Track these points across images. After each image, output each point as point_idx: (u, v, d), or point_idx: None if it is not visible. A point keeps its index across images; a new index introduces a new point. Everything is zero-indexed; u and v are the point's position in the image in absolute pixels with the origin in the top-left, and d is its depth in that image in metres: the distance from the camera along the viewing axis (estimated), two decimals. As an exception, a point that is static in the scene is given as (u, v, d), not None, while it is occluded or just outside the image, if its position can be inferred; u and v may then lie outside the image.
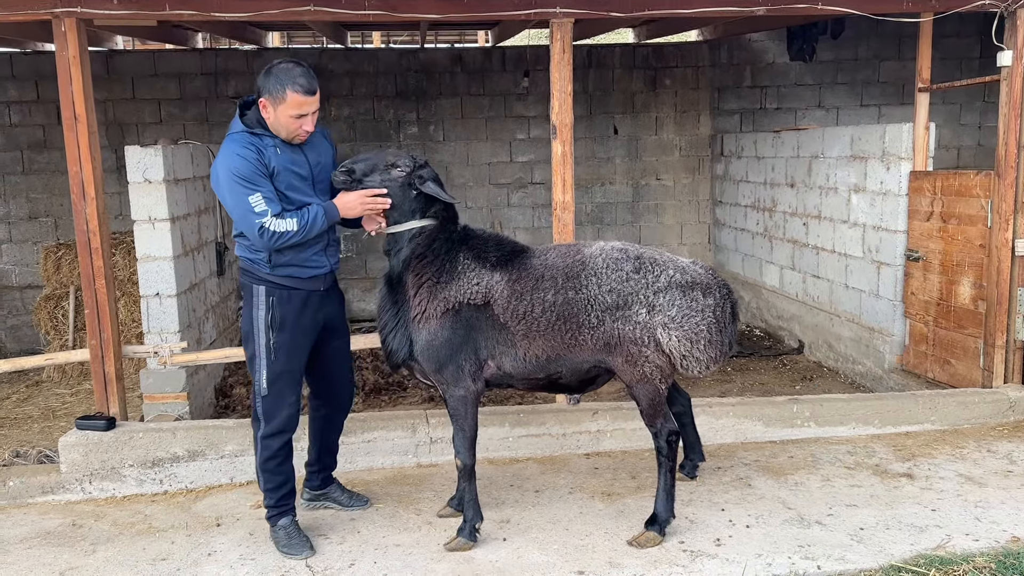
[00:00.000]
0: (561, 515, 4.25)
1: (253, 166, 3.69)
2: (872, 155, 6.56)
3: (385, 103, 9.67)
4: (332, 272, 4.07)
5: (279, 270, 3.88)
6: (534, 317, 3.80)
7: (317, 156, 3.97)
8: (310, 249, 3.90)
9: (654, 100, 9.98)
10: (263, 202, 3.67)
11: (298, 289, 3.92)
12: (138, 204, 5.79)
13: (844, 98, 10.09)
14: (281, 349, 3.90)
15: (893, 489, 4.42)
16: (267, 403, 3.93)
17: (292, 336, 3.92)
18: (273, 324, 3.88)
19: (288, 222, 3.71)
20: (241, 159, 3.69)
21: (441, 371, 3.89)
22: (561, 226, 5.10)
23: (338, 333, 4.19)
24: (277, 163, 3.77)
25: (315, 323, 4.01)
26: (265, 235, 3.68)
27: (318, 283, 3.98)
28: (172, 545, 4.14)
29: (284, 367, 3.92)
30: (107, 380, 4.98)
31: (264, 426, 3.95)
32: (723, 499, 4.35)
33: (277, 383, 3.92)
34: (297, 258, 3.88)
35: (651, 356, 3.79)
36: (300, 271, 3.91)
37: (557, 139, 4.98)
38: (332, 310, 4.11)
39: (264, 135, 3.78)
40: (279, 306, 3.89)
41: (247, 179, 3.68)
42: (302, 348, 3.98)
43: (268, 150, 3.76)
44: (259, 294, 3.88)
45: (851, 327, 6.99)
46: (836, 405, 5.19)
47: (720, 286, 3.93)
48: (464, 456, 3.95)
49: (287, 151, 3.82)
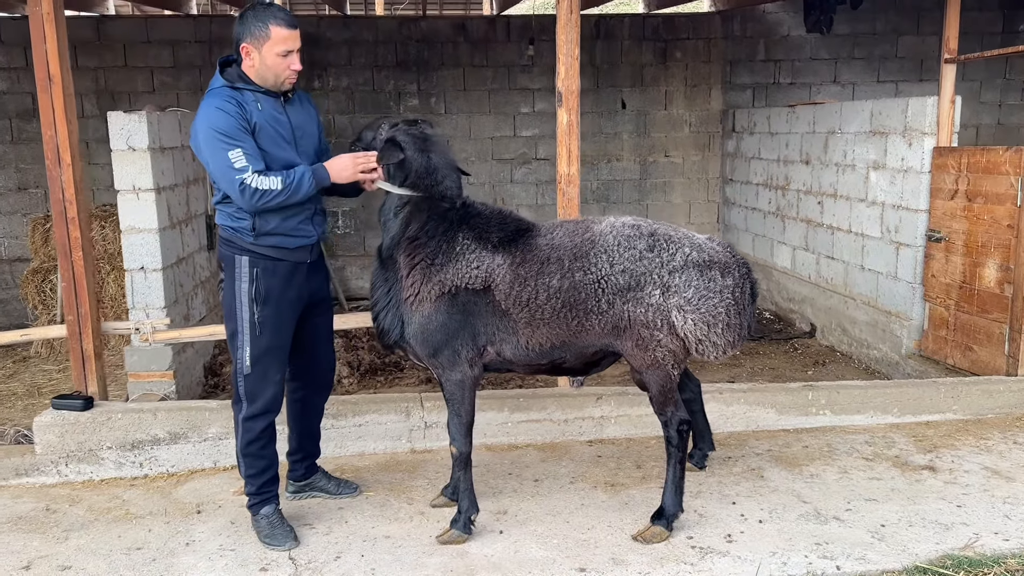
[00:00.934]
0: (562, 506, 3.99)
1: (234, 121, 3.42)
2: (893, 130, 6.26)
3: (385, 73, 9.36)
4: (319, 243, 3.81)
5: (264, 239, 3.61)
6: (538, 304, 3.51)
7: (299, 118, 3.70)
8: (296, 217, 3.64)
9: (664, 73, 9.65)
10: (244, 158, 3.40)
11: (284, 260, 3.66)
12: (121, 173, 5.51)
13: (861, 73, 9.75)
14: (267, 324, 3.64)
15: (915, 483, 4.16)
16: (250, 382, 3.68)
17: (278, 310, 3.66)
18: (258, 297, 3.62)
19: (272, 180, 3.43)
20: (221, 113, 3.43)
21: (436, 356, 3.62)
22: (566, 200, 4.81)
23: (321, 309, 3.94)
24: (259, 118, 3.51)
25: (300, 297, 3.75)
26: (247, 192, 3.40)
27: (305, 254, 3.73)
28: (149, 533, 3.90)
29: (270, 343, 3.66)
30: (85, 357, 4.73)
31: (247, 407, 3.70)
32: (734, 491, 4.09)
33: (262, 360, 3.66)
34: (283, 227, 3.62)
35: (664, 340, 3.51)
36: (286, 240, 3.65)
37: (563, 107, 4.69)
38: (317, 284, 3.86)
39: (245, 89, 3.52)
40: (264, 278, 3.62)
41: (227, 134, 3.41)
42: (288, 323, 3.73)
43: (249, 105, 3.50)
44: (242, 265, 3.62)
45: (867, 310, 6.70)
46: (853, 392, 4.92)
47: (739, 265, 3.64)
48: (460, 443, 3.69)
49: (269, 107, 3.56)
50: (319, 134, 3.83)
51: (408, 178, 3.59)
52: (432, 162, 3.60)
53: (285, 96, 3.64)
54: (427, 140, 3.62)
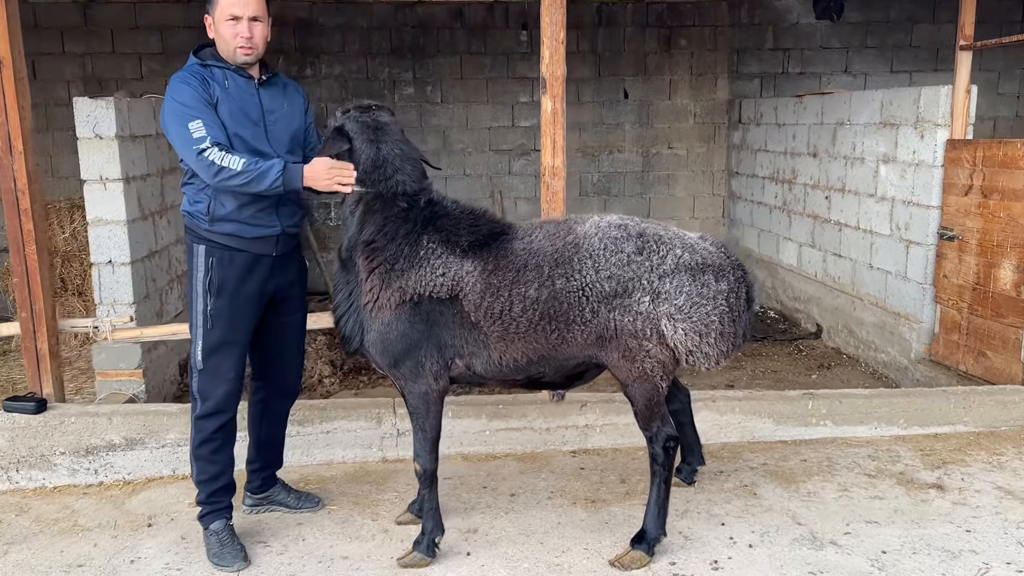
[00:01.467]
0: (537, 525, 3.70)
1: (196, 93, 3.25)
2: (904, 121, 5.91)
3: (379, 61, 9.05)
4: (286, 235, 3.52)
5: (219, 226, 3.37)
6: (512, 317, 3.18)
7: (274, 103, 3.45)
8: (254, 205, 3.37)
9: (668, 62, 9.29)
10: (203, 128, 3.21)
11: (242, 251, 3.41)
12: (88, 162, 5.23)
13: (873, 63, 9.36)
14: (219, 317, 3.40)
15: (921, 503, 3.84)
16: (202, 379, 3.45)
17: (232, 303, 3.42)
18: (211, 288, 3.39)
19: (234, 159, 3.18)
20: (183, 86, 3.28)
21: (397, 366, 3.31)
22: (551, 194, 4.50)
23: (288, 307, 3.65)
24: (223, 94, 3.31)
25: (262, 291, 3.49)
26: (203, 163, 3.18)
27: (267, 246, 3.46)
28: (94, 548, 3.64)
29: (222, 338, 3.42)
30: (40, 357, 4.47)
31: (200, 405, 3.47)
32: (724, 510, 3.79)
33: (214, 356, 3.43)
34: (240, 214, 3.37)
35: (653, 350, 3.20)
36: (243, 229, 3.39)
37: (547, 94, 4.37)
38: (285, 280, 3.58)
39: (215, 66, 3.35)
40: (219, 268, 3.39)
41: (188, 105, 3.24)
42: (244, 317, 3.47)
43: (216, 80, 3.32)
44: (199, 254, 3.41)
45: (875, 311, 6.37)
46: (856, 402, 4.60)
47: (734, 267, 3.32)
48: (424, 460, 3.39)
49: (239, 87, 3.36)
50: (302, 125, 3.59)
51: (356, 172, 3.26)
52: (381, 153, 3.26)
53: (260, 79, 3.43)
54: (379, 129, 3.28)
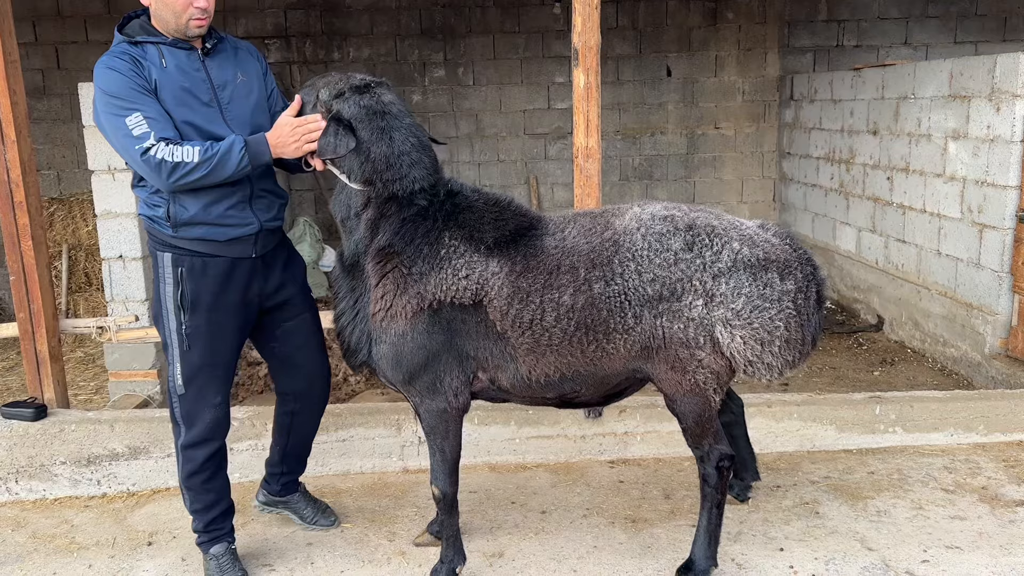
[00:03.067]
0: (570, 549, 3.31)
1: (127, 80, 2.75)
2: (977, 93, 5.36)
3: (409, 43, 8.66)
4: (266, 231, 3.04)
5: (185, 231, 2.90)
6: (544, 327, 2.75)
7: (225, 74, 2.95)
8: (223, 202, 2.90)
9: (714, 37, 8.76)
10: (144, 123, 2.72)
11: (216, 256, 2.95)
12: (95, 151, 4.95)
13: (935, 34, 8.74)
14: (197, 336, 2.96)
15: (1008, 524, 3.37)
16: (186, 404, 3.03)
17: (209, 318, 2.97)
18: (184, 303, 2.93)
19: (186, 149, 2.72)
20: (112, 73, 2.77)
21: (411, 383, 2.89)
22: (584, 178, 4.08)
23: (290, 310, 3.21)
24: (161, 76, 2.80)
25: (247, 301, 3.05)
26: (151, 164, 2.71)
27: (245, 247, 2.99)
28: (88, 570, 3.35)
29: (203, 359, 2.98)
30: (40, 360, 4.18)
31: (184, 433, 3.06)
32: (782, 533, 3.36)
33: (196, 380, 3.00)
34: (207, 215, 2.89)
35: (706, 360, 2.76)
36: (215, 232, 2.92)
37: (580, 67, 3.94)
38: (274, 282, 3.12)
39: (148, 42, 2.83)
40: (190, 279, 2.93)
41: (120, 96, 2.74)
42: (227, 334, 3.03)
43: (150, 59, 2.81)
44: (164, 264, 2.94)
45: (943, 302, 5.84)
46: (929, 406, 4.12)
47: (803, 263, 2.85)
48: (442, 483, 3.00)
49: (179, 62, 2.84)
50: (263, 94, 3.07)
51: (363, 170, 2.80)
52: (396, 147, 2.78)
53: (204, 47, 2.92)
54: (387, 114, 2.80)
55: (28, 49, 8.52)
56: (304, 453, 3.53)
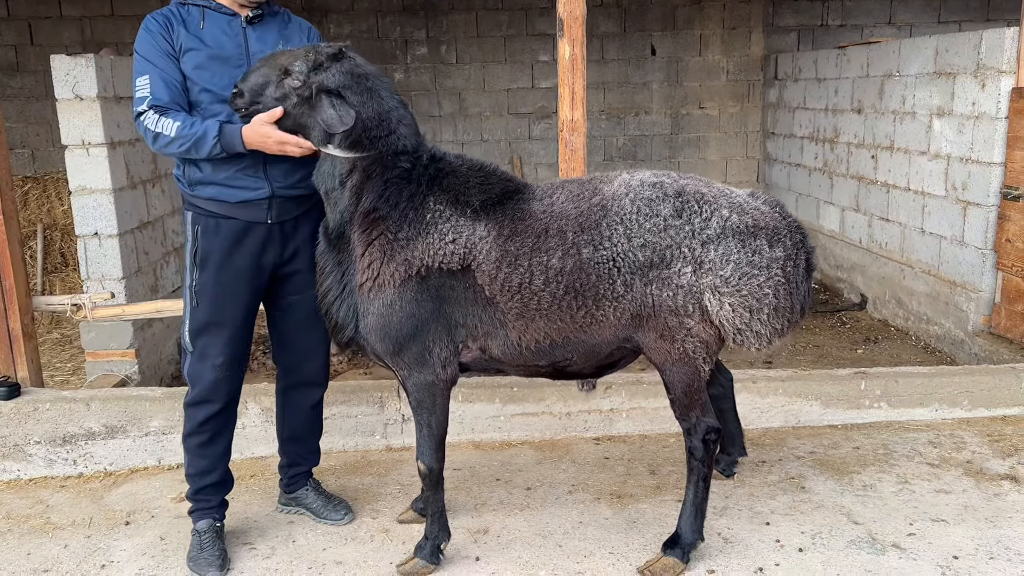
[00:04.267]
0: (555, 525, 3.28)
1: (153, 40, 2.87)
2: (963, 70, 5.34)
3: (390, 19, 8.56)
4: (281, 198, 3.01)
5: (199, 190, 2.96)
6: (533, 291, 2.72)
7: (264, 44, 2.94)
8: (231, 165, 2.91)
9: (699, 15, 8.71)
10: (148, 86, 2.84)
11: (229, 218, 2.96)
12: (68, 125, 4.83)
13: (919, 13, 8.73)
14: (204, 294, 2.99)
15: (993, 497, 3.37)
16: (192, 361, 3.06)
17: (217, 278, 2.98)
18: (196, 260, 2.98)
19: (167, 123, 2.79)
20: (144, 32, 2.90)
21: (399, 354, 2.84)
22: (569, 152, 4.02)
23: (296, 284, 3.16)
24: (189, 40, 2.86)
25: (256, 266, 3.03)
26: (141, 128, 2.87)
27: (257, 211, 2.98)
28: (64, 550, 3.28)
29: (207, 317, 3.01)
30: (12, 338, 4.10)
31: (190, 391, 3.09)
32: (768, 507, 3.34)
33: (201, 337, 3.02)
34: (216, 175, 2.92)
35: (695, 328, 2.74)
36: (224, 192, 2.94)
37: (564, 37, 3.88)
38: (288, 252, 3.09)
39: (194, 4, 2.91)
40: (204, 238, 2.98)
41: (144, 55, 2.87)
42: (235, 296, 3.02)
43: (189, 23, 2.89)
44: (187, 222, 3.02)
45: (927, 280, 5.84)
46: (914, 381, 4.11)
47: (792, 230, 2.82)
48: (428, 459, 2.96)
49: (216, 27, 2.90)
50: None
51: (352, 134, 2.74)
52: (385, 106, 2.77)
53: (249, 16, 2.94)
54: (368, 77, 2.76)
55: (1, 25, 8.34)
56: (305, 439, 3.43)
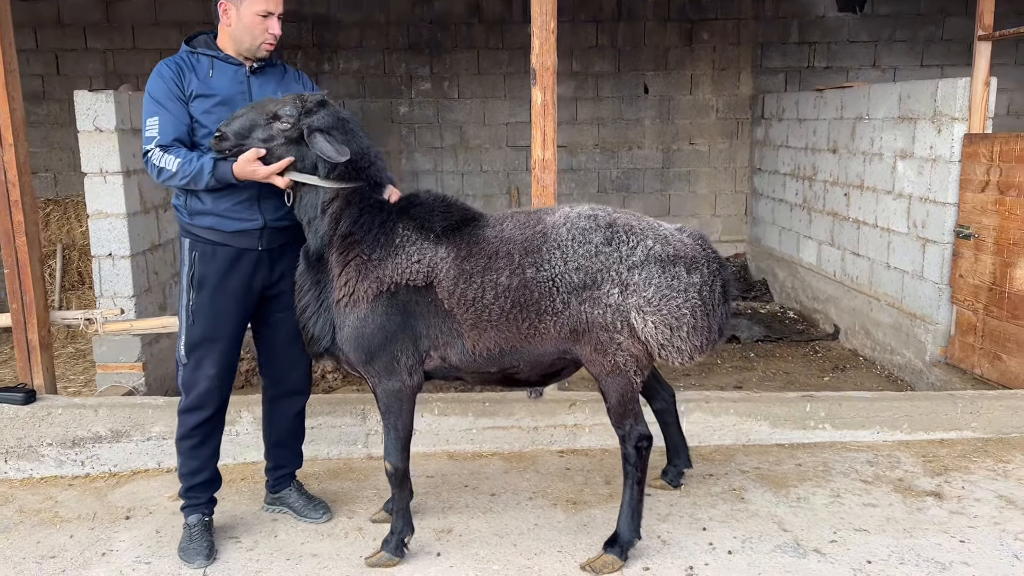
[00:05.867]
0: (512, 526, 3.61)
1: (165, 84, 3.25)
2: (922, 115, 5.70)
3: (397, 56, 9.02)
4: (271, 229, 3.40)
5: (198, 219, 3.35)
6: (485, 304, 3.11)
7: (265, 91, 3.35)
8: (229, 198, 3.31)
9: (690, 56, 9.13)
10: (156, 127, 3.22)
11: (224, 245, 3.36)
12: (88, 155, 5.26)
13: (902, 57, 9.11)
14: (200, 312, 3.38)
15: (916, 511, 3.67)
16: (186, 372, 3.44)
17: (212, 299, 3.37)
18: (193, 282, 3.37)
19: (170, 159, 3.19)
20: (157, 76, 3.28)
21: (371, 362, 3.22)
22: (541, 188, 4.41)
23: (282, 303, 3.52)
24: (199, 86, 3.26)
25: (248, 287, 3.42)
26: (148, 164, 3.24)
27: (250, 240, 3.38)
28: (69, 540, 3.63)
29: (203, 334, 3.38)
30: (30, 348, 4.48)
31: (183, 399, 3.47)
32: (707, 515, 3.66)
33: (196, 351, 3.40)
34: (216, 207, 3.32)
35: (624, 343, 3.11)
36: (223, 223, 3.34)
37: (537, 85, 4.29)
38: (275, 275, 3.48)
39: (204, 54, 3.30)
40: (201, 263, 3.37)
41: (155, 97, 3.25)
42: (228, 314, 3.41)
43: (199, 70, 3.28)
44: (184, 248, 3.41)
45: (891, 312, 6.16)
46: (857, 405, 4.43)
47: (709, 260, 3.20)
48: (395, 458, 3.32)
49: (226, 76, 3.30)
50: None
51: (336, 168, 3.15)
52: (363, 144, 3.21)
53: (253, 66, 3.35)
54: (348, 120, 3.20)
55: (29, 55, 8.85)
56: (286, 445, 3.78)
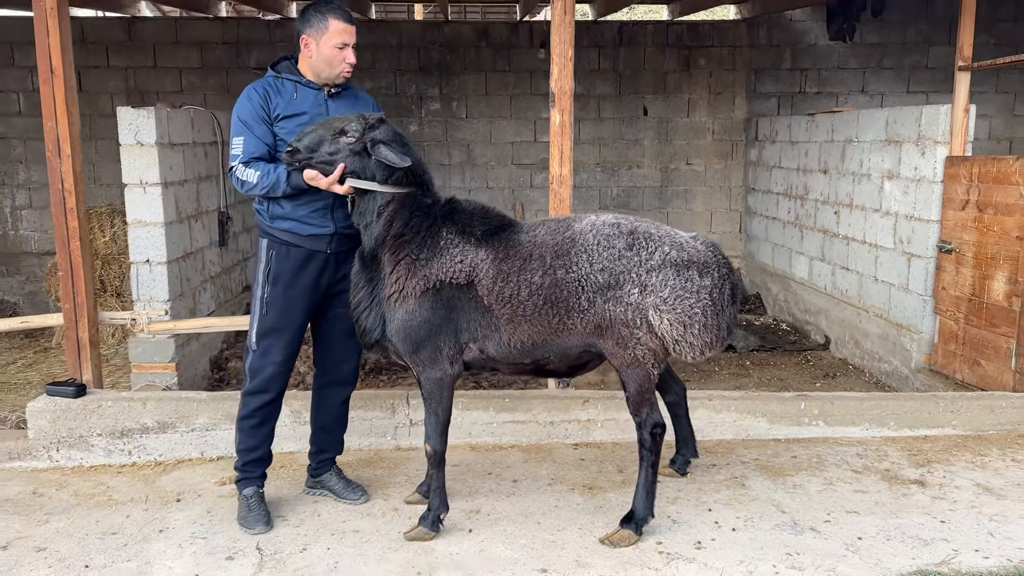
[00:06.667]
0: (535, 507, 3.96)
1: (252, 108, 3.66)
2: (907, 139, 6.12)
3: (408, 77, 9.42)
4: (340, 235, 3.81)
5: (278, 223, 3.77)
6: (520, 300, 3.49)
7: (341, 112, 3.74)
8: (307, 207, 3.73)
9: (687, 81, 9.56)
10: (241, 145, 3.65)
11: (299, 247, 3.77)
12: (129, 167, 5.62)
13: (890, 83, 9.57)
14: (273, 305, 3.78)
15: (901, 496, 4.04)
16: (254, 358, 3.82)
17: (285, 293, 3.78)
18: (269, 278, 3.77)
19: (251, 172, 3.62)
20: (246, 100, 3.68)
21: (417, 352, 3.60)
22: (558, 201, 4.79)
23: (342, 301, 3.91)
24: (286, 108, 3.69)
25: (315, 285, 3.83)
26: (233, 178, 3.67)
27: (321, 243, 3.79)
28: (126, 519, 3.95)
29: (273, 324, 3.78)
30: (80, 346, 4.82)
31: (248, 382, 3.84)
32: (712, 499, 4.02)
33: (265, 339, 3.79)
34: (295, 213, 3.74)
35: (643, 339, 3.48)
36: (299, 227, 3.76)
37: (555, 107, 4.67)
38: (339, 275, 3.87)
39: (288, 79, 3.73)
40: (277, 261, 3.78)
41: (243, 119, 3.66)
42: (296, 308, 3.81)
43: (284, 94, 3.71)
44: (263, 247, 3.82)
45: (879, 323, 6.56)
46: (848, 404, 4.80)
47: (720, 265, 3.58)
48: (435, 441, 3.67)
49: (307, 100, 3.72)
50: None
51: (396, 175, 3.54)
52: (416, 156, 3.61)
53: (331, 91, 3.76)
54: (402, 136, 3.61)
55: (53, 73, 9.18)
56: (333, 430, 4.12)
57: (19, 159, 9.39)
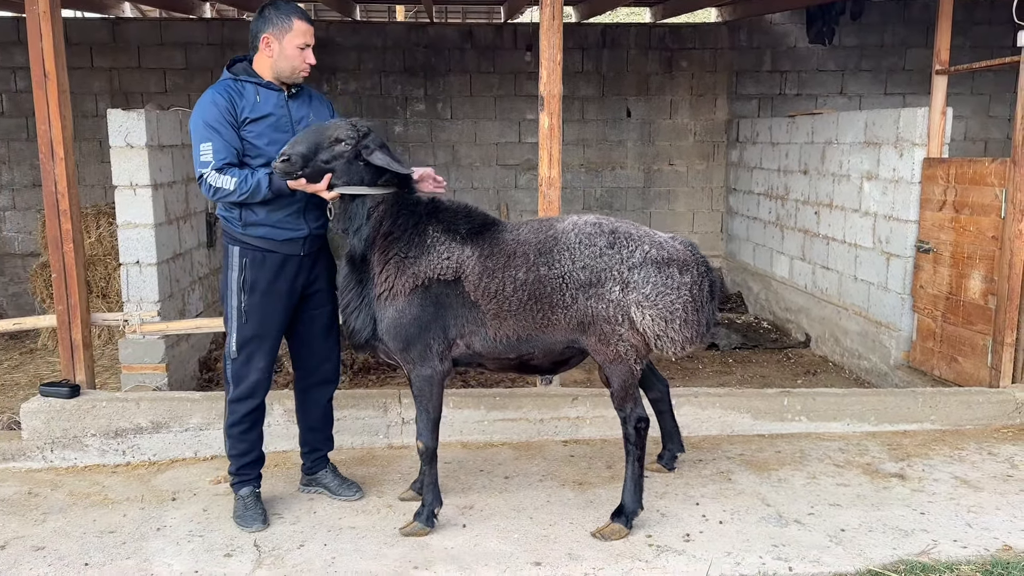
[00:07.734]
0: (527, 503, 4.05)
1: (218, 112, 3.62)
2: (886, 141, 6.26)
3: (392, 79, 9.47)
4: (313, 236, 3.86)
5: (251, 230, 3.76)
6: (505, 296, 3.60)
7: (302, 112, 3.82)
8: (283, 211, 3.75)
9: (669, 83, 9.68)
10: (211, 152, 3.61)
11: (273, 252, 3.78)
12: (119, 169, 5.64)
13: (868, 85, 9.73)
14: (252, 312, 3.79)
15: (882, 489, 4.16)
16: (236, 366, 3.84)
17: (263, 300, 3.79)
18: (244, 286, 3.77)
19: (226, 179, 3.60)
20: (209, 104, 3.63)
21: (408, 350, 3.69)
22: (547, 203, 4.87)
23: (317, 301, 3.99)
24: (252, 111, 3.68)
25: (292, 288, 3.86)
26: (203, 185, 3.63)
27: (295, 247, 3.82)
28: (123, 518, 3.99)
29: (254, 331, 3.80)
30: (73, 347, 4.84)
31: (232, 390, 3.86)
32: (699, 493, 4.12)
33: (246, 347, 3.81)
34: (270, 219, 3.74)
35: (625, 335, 3.59)
36: (274, 232, 3.77)
37: (544, 111, 4.75)
38: (313, 276, 3.93)
39: (248, 81, 3.71)
40: (251, 268, 3.77)
41: (210, 124, 3.61)
42: (275, 313, 3.84)
43: (246, 96, 3.69)
44: (233, 255, 3.79)
45: (858, 321, 6.70)
46: (829, 399, 4.93)
47: (698, 263, 3.70)
48: (426, 438, 3.76)
49: (269, 100, 3.72)
50: None
51: (383, 176, 3.62)
52: (404, 160, 3.70)
53: (290, 91, 3.79)
54: (386, 141, 3.69)
55: (37, 73, 9.15)
56: (319, 430, 4.17)
57: (2, 160, 9.36)
